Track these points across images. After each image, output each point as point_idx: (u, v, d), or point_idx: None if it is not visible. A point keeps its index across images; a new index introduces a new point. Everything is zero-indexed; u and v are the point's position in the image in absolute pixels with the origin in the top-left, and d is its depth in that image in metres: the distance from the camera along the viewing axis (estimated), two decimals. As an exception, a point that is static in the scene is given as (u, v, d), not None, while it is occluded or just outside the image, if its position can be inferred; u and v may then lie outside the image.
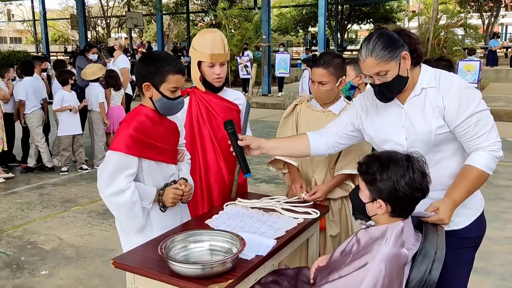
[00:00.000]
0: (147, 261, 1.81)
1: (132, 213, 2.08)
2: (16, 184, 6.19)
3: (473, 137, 1.85)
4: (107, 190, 2.04)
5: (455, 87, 1.85)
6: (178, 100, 2.12)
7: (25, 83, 6.62)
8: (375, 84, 1.90)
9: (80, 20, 19.27)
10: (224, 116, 2.54)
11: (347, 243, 1.87)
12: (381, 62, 1.83)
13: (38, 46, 29.77)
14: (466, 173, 1.86)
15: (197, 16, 35.20)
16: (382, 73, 1.85)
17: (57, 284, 3.49)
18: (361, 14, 35.03)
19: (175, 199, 2.16)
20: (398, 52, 1.83)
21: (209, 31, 2.52)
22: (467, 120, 1.83)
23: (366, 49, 1.85)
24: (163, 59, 2.08)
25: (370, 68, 1.86)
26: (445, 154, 1.93)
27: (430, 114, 1.88)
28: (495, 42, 19.49)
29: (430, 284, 1.71)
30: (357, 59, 1.97)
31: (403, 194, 1.67)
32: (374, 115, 2.07)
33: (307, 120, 2.60)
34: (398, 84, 1.88)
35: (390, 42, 1.83)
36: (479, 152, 1.85)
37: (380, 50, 1.82)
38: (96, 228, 4.62)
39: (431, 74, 1.93)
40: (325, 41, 15.17)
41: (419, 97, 1.92)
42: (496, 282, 3.41)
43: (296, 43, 42.21)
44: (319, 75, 2.43)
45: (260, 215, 2.30)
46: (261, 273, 1.92)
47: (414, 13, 17.52)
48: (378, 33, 1.87)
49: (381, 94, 1.93)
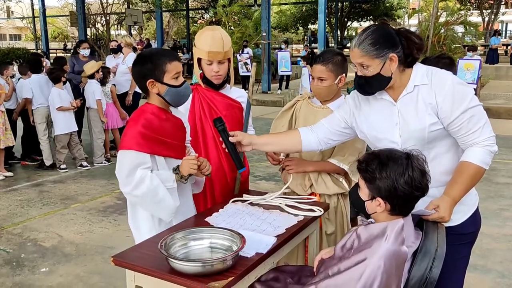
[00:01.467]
0: (147, 259, 1.81)
1: (158, 198, 2.07)
2: (16, 181, 6.19)
3: (467, 133, 1.85)
4: (127, 187, 2.05)
5: (448, 83, 1.85)
6: (184, 85, 2.15)
7: (31, 80, 6.65)
8: (357, 74, 1.94)
9: (80, 17, 19.22)
10: (227, 114, 2.55)
11: (347, 238, 1.87)
12: (366, 56, 1.86)
13: (37, 43, 29.71)
14: (463, 170, 1.86)
15: (197, 13, 35.17)
16: (364, 66, 1.88)
17: (57, 282, 3.49)
18: (361, 11, 35.01)
19: (192, 165, 2.13)
20: (385, 52, 1.84)
21: (210, 29, 2.52)
22: (461, 116, 1.83)
23: (358, 39, 1.89)
24: (155, 53, 2.11)
25: (354, 57, 1.91)
26: (439, 150, 1.94)
27: (423, 111, 1.88)
28: (496, 40, 19.47)
29: (431, 281, 1.71)
30: None
31: (402, 192, 1.66)
32: (367, 112, 2.07)
33: (305, 115, 2.61)
34: (377, 82, 1.90)
35: (381, 40, 1.84)
36: (474, 147, 1.85)
37: (368, 45, 1.84)
38: (96, 225, 4.62)
39: (423, 72, 1.93)
40: (325, 39, 15.15)
41: (411, 95, 1.92)
42: (496, 280, 3.41)
43: (296, 40, 42.15)
44: (319, 71, 2.45)
45: (260, 212, 2.30)
46: (261, 270, 1.92)
47: (414, 10, 17.52)
48: (376, 27, 1.88)
49: (360, 86, 1.97)
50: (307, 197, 2.51)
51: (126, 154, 2.04)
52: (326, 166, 2.54)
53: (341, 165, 2.48)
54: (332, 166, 2.52)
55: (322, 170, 2.55)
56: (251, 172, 5.90)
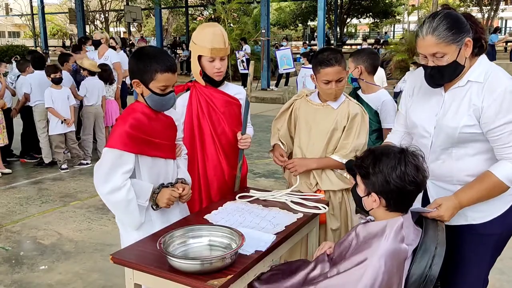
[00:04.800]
0: (146, 257, 1.80)
1: (128, 210, 2.07)
2: (14, 179, 6.18)
3: (504, 145, 1.77)
4: (104, 188, 2.04)
5: (500, 89, 1.74)
6: (169, 95, 2.10)
7: (31, 76, 6.64)
8: (427, 66, 1.81)
9: (79, 14, 19.18)
10: (225, 111, 2.54)
11: (346, 237, 1.87)
12: (442, 43, 1.72)
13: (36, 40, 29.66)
14: (484, 179, 1.80)
15: (196, 10, 35.09)
16: (438, 55, 1.75)
17: (56, 279, 3.48)
18: (361, 8, 34.94)
19: (170, 201, 2.14)
20: (462, 37, 1.73)
21: (209, 25, 2.50)
22: (503, 126, 1.74)
23: (429, 26, 1.74)
24: (153, 57, 2.04)
25: (428, 47, 1.76)
26: (468, 151, 1.87)
27: (465, 111, 1.81)
28: (496, 37, 19.47)
29: (430, 279, 1.70)
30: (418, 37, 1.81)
31: (395, 187, 1.66)
32: (417, 97, 2.00)
33: (306, 114, 2.62)
34: (452, 71, 1.78)
35: (456, 24, 1.73)
36: (506, 162, 1.78)
37: (444, 30, 1.72)
38: (95, 223, 4.61)
39: (484, 69, 1.82)
40: (324, 35, 15.11)
41: (462, 89, 1.84)
42: (496, 276, 3.41)
43: (295, 37, 42.11)
44: (336, 73, 2.44)
45: (260, 210, 2.29)
46: (261, 268, 1.91)
47: (413, 7, 17.50)
48: (446, 12, 1.76)
49: (432, 78, 1.84)
50: (313, 194, 2.51)
51: (110, 152, 2.03)
52: (329, 162, 2.54)
53: (343, 160, 2.48)
54: (335, 162, 2.52)
55: (326, 167, 2.55)
56: (250, 169, 5.90)
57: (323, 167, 2.55)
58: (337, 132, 2.54)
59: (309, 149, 2.58)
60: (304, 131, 2.61)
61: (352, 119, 2.53)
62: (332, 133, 2.54)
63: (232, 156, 2.59)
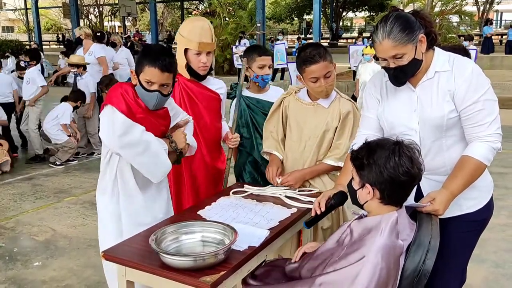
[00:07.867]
0: (138, 253, 1.79)
1: (157, 152, 2.08)
2: (8, 175, 6.14)
3: (474, 125, 1.84)
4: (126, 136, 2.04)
5: (468, 71, 1.84)
6: (152, 93, 2.07)
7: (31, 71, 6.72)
8: (390, 68, 1.86)
9: (72, 8, 19.03)
10: (206, 105, 2.60)
11: (340, 233, 1.85)
12: (399, 45, 1.79)
13: (30, 35, 29.47)
14: (464, 164, 1.84)
15: (191, 4, 34.92)
16: (398, 56, 1.81)
17: (50, 275, 3.47)
18: (356, 1, 34.87)
19: (185, 138, 2.20)
20: (415, 35, 1.80)
21: (198, 19, 2.54)
22: (473, 105, 1.82)
23: (383, 30, 1.80)
24: (151, 52, 2.08)
25: (386, 50, 1.82)
26: (456, 138, 1.92)
27: (442, 99, 1.87)
28: (489, 29, 19.45)
29: (424, 273, 1.69)
30: (372, 41, 1.92)
31: (389, 177, 1.65)
32: (387, 100, 2.03)
33: (295, 113, 2.57)
34: (413, 67, 1.85)
35: (408, 24, 1.79)
36: (477, 142, 1.83)
37: (398, 32, 1.78)
38: (89, 218, 4.58)
39: (445, 58, 1.90)
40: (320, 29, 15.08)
41: (431, 81, 1.90)
42: (490, 269, 3.42)
43: (291, 31, 42.01)
44: (323, 68, 2.37)
45: (253, 205, 2.28)
46: (254, 264, 1.90)
47: (409, 0, 17.45)
48: (395, 15, 1.82)
49: (396, 78, 1.89)
50: (307, 189, 2.50)
51: (118, 113, 2.04)
52: (324, 168, 2.51)
53: (339, 163, 2.44)
54: (329, 167, 2.50)
55: (322, 173, 2.53)
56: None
57: (319, 174, 2.53)
58: (329, 134, 2.49)
59: (299, 151, 2.55)
60: (295, 133, 2.57)
61: (343, 118, 2.48)
62: (323, 135, 2.49)
63: (214, 149, 2.69)
